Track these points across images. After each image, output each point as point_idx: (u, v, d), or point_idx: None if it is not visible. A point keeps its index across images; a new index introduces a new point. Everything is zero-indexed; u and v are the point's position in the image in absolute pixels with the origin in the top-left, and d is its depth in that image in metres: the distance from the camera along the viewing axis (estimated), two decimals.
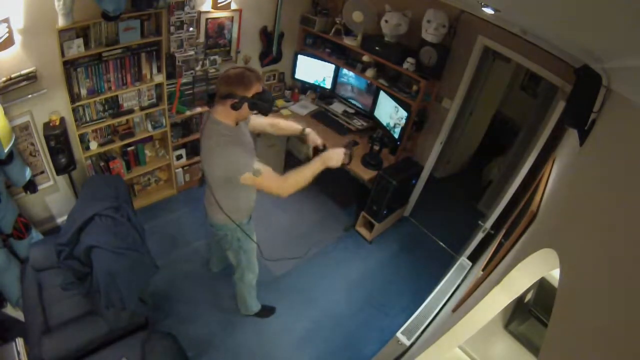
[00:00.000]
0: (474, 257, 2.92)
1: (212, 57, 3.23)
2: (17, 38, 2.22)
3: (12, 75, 2.27)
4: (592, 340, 0.69)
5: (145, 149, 3.32)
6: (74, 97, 2.61)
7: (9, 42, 2.15)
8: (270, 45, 3.60)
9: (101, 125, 2.85)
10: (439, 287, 2.53)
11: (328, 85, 3.85)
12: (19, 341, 1.81)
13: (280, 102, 3.90)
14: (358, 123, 3.70)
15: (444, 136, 3.39)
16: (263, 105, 1.77)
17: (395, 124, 3.25)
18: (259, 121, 2.11)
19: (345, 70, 3.67)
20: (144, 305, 2.31)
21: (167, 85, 3.03)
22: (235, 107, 1.71)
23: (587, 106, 1.29)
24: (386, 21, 3.07)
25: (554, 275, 1.72)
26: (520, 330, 2.06)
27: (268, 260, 2.27)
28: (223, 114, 1.78)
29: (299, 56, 3.80)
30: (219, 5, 3.02)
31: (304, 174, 1.81)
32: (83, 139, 2.86)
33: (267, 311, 2.80)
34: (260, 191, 1.90)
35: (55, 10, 2.21)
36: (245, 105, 1.74)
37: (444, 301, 2.41)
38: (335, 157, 1.86)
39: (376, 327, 2.89)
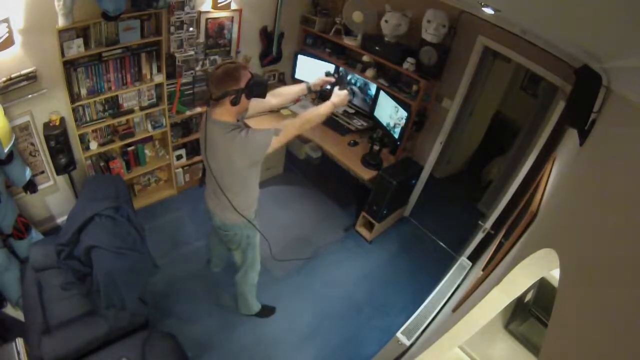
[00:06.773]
0: (474, 257, 2.92)
1: (212, 57, 3.23)
2: (17, 38, 2.22)
3: (12, 75, 2.27)
4: (592, 340, 0.69)
5: (145, 149, 3.32)
6: (74, 97, 2.61)
7: (9, 42, 2.15)
8: (270, 45, 3.60)
9: (101, 125, 2.85)
10: (439, 287, 2.53)
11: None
12: (19, 341, 1.81)
13: None
14: (358, 123, 3.70)
15: (444, 136, 3.39)
16: (258, 88, 1.78)
17: (395, 124, 3.25)
18: (260, 103, 2.09)
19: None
20: (144, 305, 2.31)
21: (167, 85, 3.03)
22: (235, 102, 1.73)
23: (587, 106, 1.29)
24: (386, 21, 3.07)
25: (554, 275, 1.72)
26: (520, 330, 2.06)
27: (278, 260, 2.29)
28: (224, 114, 1.78)
29: (299, 56, 3.79)
30: (219, 5, 3.02)
31: (319, 112, 2.00)
32: (83, 139, 2.85)
33: (267, 311, 2.80)
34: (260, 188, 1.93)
35: (55, 10, 2.21)
36: (243, 97, 1.75)
37: (444, 301, 2.41)
38: (342, 98, 2.07)
39: (376, 327, 2.89)
